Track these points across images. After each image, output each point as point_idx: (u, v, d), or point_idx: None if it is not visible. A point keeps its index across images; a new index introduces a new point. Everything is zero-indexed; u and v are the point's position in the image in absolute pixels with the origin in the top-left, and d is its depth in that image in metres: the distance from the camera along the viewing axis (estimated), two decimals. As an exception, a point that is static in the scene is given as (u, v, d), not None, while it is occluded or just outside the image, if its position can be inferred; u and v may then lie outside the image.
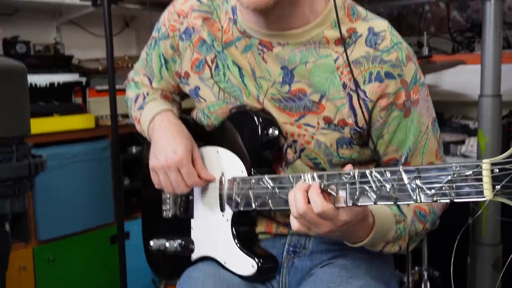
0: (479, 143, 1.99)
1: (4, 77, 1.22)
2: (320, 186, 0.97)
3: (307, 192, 0.97)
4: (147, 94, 1.35)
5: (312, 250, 1.24)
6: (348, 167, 0.98)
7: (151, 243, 1.34)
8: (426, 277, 2.17)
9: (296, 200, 0.97)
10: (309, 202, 0.96)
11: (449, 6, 2.81)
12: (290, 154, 1.19)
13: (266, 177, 1.08)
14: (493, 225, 1.96)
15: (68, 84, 2.60)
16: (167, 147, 1.17)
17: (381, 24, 1.14)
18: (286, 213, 1.18)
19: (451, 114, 2.67)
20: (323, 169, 1.17)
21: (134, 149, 2.74)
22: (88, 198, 2.58)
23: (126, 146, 2.73)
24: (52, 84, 2.52)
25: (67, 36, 2.96)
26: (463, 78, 2.48)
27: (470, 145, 2.52)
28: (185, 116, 1.33)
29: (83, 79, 2.65)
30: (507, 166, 0.80)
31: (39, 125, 2.39)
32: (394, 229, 1.10)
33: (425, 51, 2.34)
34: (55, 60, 2.66)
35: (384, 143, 1.16)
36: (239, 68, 1.17)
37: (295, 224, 1.00)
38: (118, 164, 2.34)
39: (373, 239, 1.06)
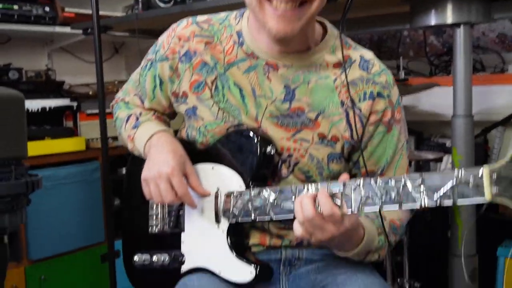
0: (453, 161, 2.09)
1: (5, 105, 1.32)
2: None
3: (313, 199, 1.06)
4: (140, 114, 1.41)
5: (307, 260, 1.32)
6: (345, 176, 1.08)
7: (135, 258, 1.37)
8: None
9: (303, 205, 1.06)
10: (316, 207, 1.05)
11: (426, 32, 2.93)
12: (284, 170, 1.28)
13: (267, 188, 1.16)
14: (469, 237, 2.05)
15: (60, 109, 2.69)
16: (160, 161, 1.24)
17: (368, 53, 1.31)
18: (281, 224, 1.28)
19: (430, 133, 2.77)
20: (315, 182, 1.25)
21: (123, 170, 2.80)
22: (79, 218, 2.65)
23: (116, 167, 2.80)
24: (44, 109, 2.61)
25: (58, 63, 3.05)
26: (439, 99, 2.59)
27: (449, 162, 2.62)
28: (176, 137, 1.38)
29: (74, 104, 2.73)
30: (504, 171, 0.91)
31: (32, 148, 2.41)
32: (377, 239, 1.22)
33: (402, 74, 2.46)
34: (47, 85, 2.74)
35: (366, 155, 1.29)
36: (240, 89, 1.27)
37: (299, 230, 1.09)
38: (108, 184, 2.41)
39: (362, 248, 1.18)
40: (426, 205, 0.97)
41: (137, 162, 1.40)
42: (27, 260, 2.49)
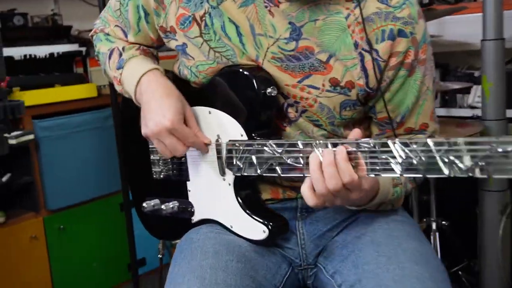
0: (483, 89, 1.96)
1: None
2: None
3: (334, 165, 0.91)
4: (123, 49, 1.23)
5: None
6: (357, 132, 0.94)
7: (144, 204, 1.27)
8: (434, 227, 2.16)
9: (328, 174, 0.91)
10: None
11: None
12: (291, 113, 1.13)
13: (271, 142, 1.02)
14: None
15: (68, 54, 2.59)
16: (156, 112, 1.09)
17: None
18: (293, 178, 1.12)
19: (457, 65, 2.62)
20: (324, 129, 1.13)
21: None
22: (95, 167, 2.60)
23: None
24: (52, 55, 2.52)
25: (65, 7, 2.93)
26: (466, 27, 2.43)
27: (477, 95, 2.48)
28: (166, 74, 1.22)
29: (83, 49, 2.63)
30: None
31: (41, 96, 2.39)
32: (392, 192, 1.09)
33: (425, -1, 2.29)
34: (54, 31, 2.64)
35: (383, 101, 1.13)
36: (236, 27, 1.09)
37: (313, 200, 0.96)
38: (120, 132, 2.34)
39: (375, 203, 1.07)
40: (455, 176, 0.81)
41: (131, 103, 1.28)
42: (45, 210, 2.47)
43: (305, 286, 1.22)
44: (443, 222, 2.21)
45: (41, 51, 2.48)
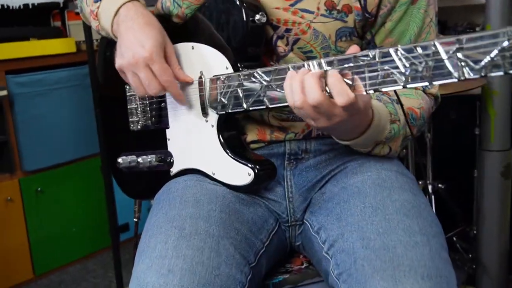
0: (486, 42, 1.84)
1: None
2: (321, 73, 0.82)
3: (318, 78, 0.81)
4: None
5: (315, 152, 1.09)
6: (354, 49, 0.82)
7: (120, 160, 1.18)
8: (430, 191, 2.07)
9: (307, 87, 0.81)
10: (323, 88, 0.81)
11: None
12: (281, 47, 1.03)
13: (259, 70, 0.92)
14: (502, 131, 1.84)
15: (45, 6, 2.44)
16: (134, 42, 0.99)
17: None
18: (283, 115, 1.05)
19: (455, 22, 2.50)
20: None
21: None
22: (75, 127, 2.47)
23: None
24: (26, 6, 2.37)
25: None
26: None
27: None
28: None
29: (61, 1, 2.48)
30: None
31: (15, 50, 2.25)
32: (388, 128, 0.98)
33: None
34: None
35: (384, 32, 1.03)
36: None
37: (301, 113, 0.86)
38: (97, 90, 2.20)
39: (369, 136, 0.94)
40: (466, 77, 0.72)
41: (109, 45, 1.18)
42: (21, 171, 2.35)
43: (292, 247, 1.12)
44: (439, 185, 2.11)
45: (15, 1, 2.33)
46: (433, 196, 2.06)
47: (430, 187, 2.08)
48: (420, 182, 2.12)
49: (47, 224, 2.43)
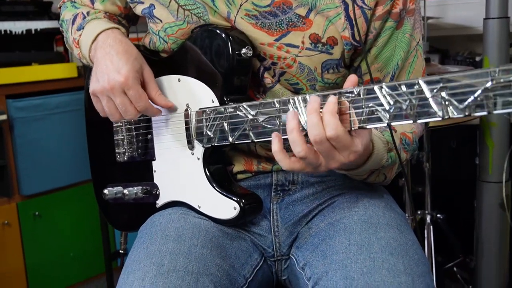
0: (484, 73, 1.83)
1: None
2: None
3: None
4: (88, 13, 1.13)
5: (303, 184, 1.08)
6: (352, 79, 0.83)
7: (106, 191, 1.17)
8: (429, 220, 2.04)
9: (312, 124, 0.80)
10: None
11: None
12: (268, 78, 1.03)
13: (244, 104, 0.92)
14: (501, 161, 1.82)
15: (48, 32, 2.46)
16: (110, 67, 0.99)
17: None
18: (268, 145, 1.04)
19: (457, 50, 2.49)
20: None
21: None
22: (74, 151, 2.46)
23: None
24: (29, 31, 2.38)
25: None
26: (467, 10, 2.31)
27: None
28: (136, 43, 1.13)
29: (63, 26, 2.50)
30: None
31: (16, 74, 2.26)
32: (386, 157, 0.96)
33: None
34: (33, 6, 2.50)
35: (369, 58, 1.03)
36: None
37: (294, 164, 0.85)
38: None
39: (368, 166, 0.93)
40: (450, 116, 0.71)
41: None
42: (19, 195, 2.34)
43: (278, 282, 1.10)
44: (438, 215, 2.09)
45: (17, 27, 2.35)
46: (431, 227, 2.03)
47: (428, 217, 2.05)
48: (418, 212, 2.10)
49: (44, 248, 2.41)
